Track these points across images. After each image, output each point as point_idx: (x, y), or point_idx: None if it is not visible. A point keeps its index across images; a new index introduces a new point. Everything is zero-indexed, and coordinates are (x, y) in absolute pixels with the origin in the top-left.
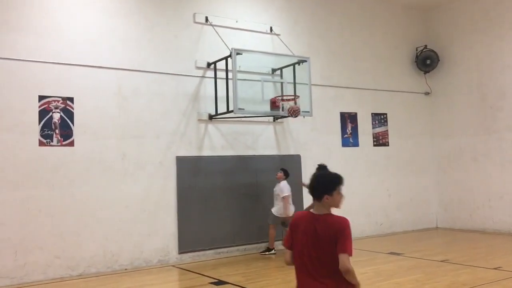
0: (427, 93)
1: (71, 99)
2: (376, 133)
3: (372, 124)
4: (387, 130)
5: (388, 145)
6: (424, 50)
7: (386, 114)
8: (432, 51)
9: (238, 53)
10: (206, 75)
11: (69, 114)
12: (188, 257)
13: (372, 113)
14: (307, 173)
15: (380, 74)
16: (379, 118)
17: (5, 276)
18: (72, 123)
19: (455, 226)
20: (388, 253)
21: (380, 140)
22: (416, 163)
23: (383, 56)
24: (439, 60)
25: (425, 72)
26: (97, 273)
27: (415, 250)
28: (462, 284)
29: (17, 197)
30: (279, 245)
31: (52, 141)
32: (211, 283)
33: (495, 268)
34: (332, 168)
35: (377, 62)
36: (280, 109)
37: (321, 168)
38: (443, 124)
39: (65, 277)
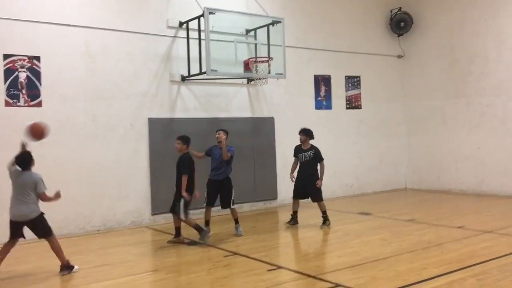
0: (400, 56)
1: (37, 58)
2: (349, 96)
3: (346, 87)
4: (360, 93)
5: (360, 108)
6: (398, 12)
7: (359, 77)
8: (407, 13)
9: (211, 13)
10: (178, 35)
11: (36, 73)
12: (161, 218)
13: (345, 76)
14: (280, 136)
15: (354, 36)
16: (353, 81)
17: None
18: (40, 83)
19: (423, 187)
20: (358, 213)
21: (353, 103)
22: (388, 126)
23: (358, 18)
24: (412, 23)
25: (399, 35)
26: (69, 234)
27: (383, 210)
28: (426, 243)
29: None
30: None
31: (19, 102)
32: (184, 243)
33: (458, 227)
34: None
35: (352, 25)
36: (254, 71)
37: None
38: (415, 88)
39: (36, 238)
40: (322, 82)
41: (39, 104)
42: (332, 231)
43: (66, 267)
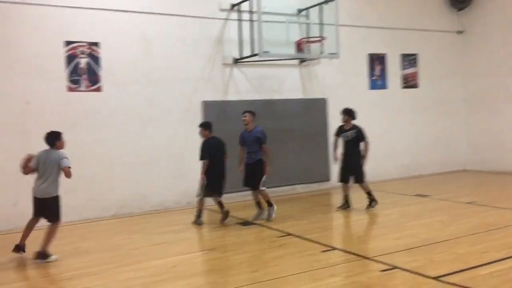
0: (459, 32)
1: (97, 44)
2: (405, 75)
3: (401, 65)
4: (416, 72)
5: (417, 87)
6: None
7: (416, 54)
8: None
9: None
10: (230, 18)
11: (96, 59)
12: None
13: (401, 54)
14: (333, 117)
15: (411, 13)
16: (409, 59)
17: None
18: (99, 68)
19: (484, 168)
20: (414, 195)
21: (409, 82)
22: (446, 105)
23: None
24: None
25: (459, 10)
26: (129, 213)
27: (441, 192)
28: (488, 225)
29: None
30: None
31: (80, 87)
32: (238, 223)
33: None
34: (359, 111)
35: (408, 1)
36: (306, 51)
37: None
38: (475, 64)
39: (99, 217)
40: (376, 61)
41: (98, 89)
42: (387, 213)
43: (43, 254)
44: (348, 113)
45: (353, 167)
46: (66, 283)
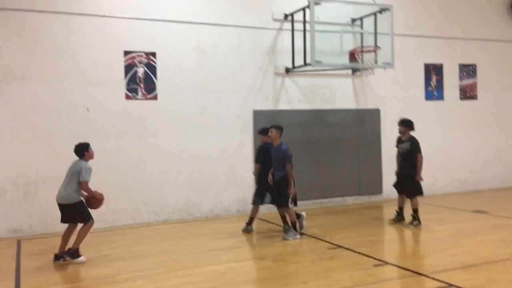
0: None
1: (154, 54)
2: (463, 86)
3: (459, 76)
4: (475, 83)
5: (476, 99)
6: None
7: (475, 65)
8: None
9: (316, 3)
10: (283, 27)
11: (152, 68)
12: (265, 208)
13: (459, 64)
14: (386, 128)
15: (469, 21)
16: (467, 70)
17: (99, 220)
18: (155, 77)
19: None
20: (472, 211)
21: (467, 93)
22: (506, 118)
23: (473, 2)
24: None
25: None
26: (180, 219)
27: (501, 209)
28: None
29: (107, 147)
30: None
31: (137, 95)
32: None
33: None
34: (414, 123)
35: (466, 9)
36: (360, 61)
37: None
38: None
39: (152, 222)
40: (433, 71)
41: (154, 97)
42: (443, 228)
43: (73, 253)
44: (404, 124)
45: (403, 181)
46: (121, 285)
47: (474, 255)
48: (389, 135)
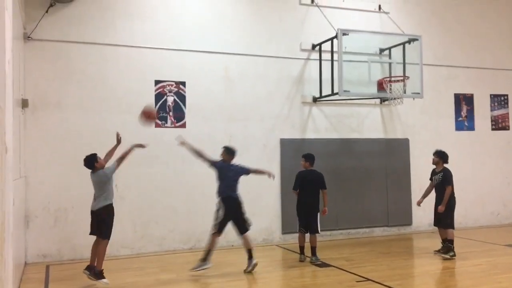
0: None
1: (183, 83)
2: (495, 116)
3: (491, 106)
4: (507, 113)
5: (508, 129)
6: None
7: (507, 95)
8: None
9: (344, 34)
10: (310, 57)
11: (181, 97)
12: (291, 237)
13: (491, 95)
14: (415, 158)
15: (500, 51)
16: (499, 100)
17: (126, 246)
18: (184, 105)
19: None
20: (506, 245)
21: (499, 124)
22: None
23: (504, 31)
24: None
25: None
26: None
27: None
28: None
29: (136, 174)
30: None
31: (166, 123)
32: (315, 264)
33: None
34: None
35: (497, 39)
36: (388, 90)
37: None
38: None
39: (178, 249)
40: (463, 102)
41: (183, 125)
42: (476, 263)
43: (97, 273)
44: (439, 155)
45: (436, 212)
46: None
47: None
48: (418, 165)
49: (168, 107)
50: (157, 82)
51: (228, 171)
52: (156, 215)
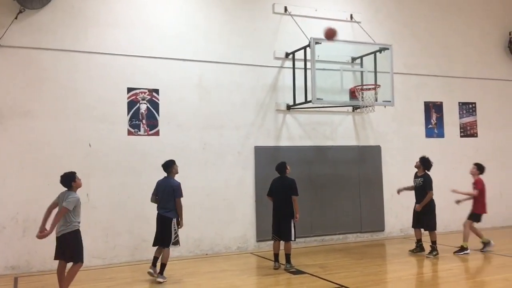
0: None
1: (156, 91)
2: (463, 124)
3: (459, 114)
4: (475, 120)
5: (476, 136)
6: None
7: (475, 103)
8: None
9: (317, 42)
10: (284, 65)
11: (155, 105)
12: (266, 245)
13: (459, 102)
14: (387, 165)
15: (469, 61)
16: (467, 108)
17: (97, 257)
18: (158, 113)
19: None
20: (475, 250)
21: (468, 131)
22: (508, 155)
23: (473, 41)
24: None
25: None
26: (180, 257)
27: (506, 247)
28: None
29: (108, 183)
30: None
31: (139, 131)
32: (289, 272)
33: None
34: (415, 160)
35: (466, 49)
36: (360, 99)
37: None
38: None
39: (151, 259)
40: (433, 109)
41: (157, 133)
42: (447, 268)
43: None
44: (421, 161)
45: (415, 214)
46: None
47: None
48: (390, 172)
49: (141, 115)
50: (129, 89)
51: None
52: (129, 225)
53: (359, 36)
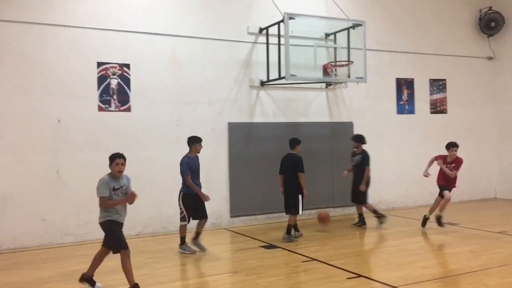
0: (490, 58)
1: (127, 66)
2: (433, 100)
3: (430, 90)
4: (445, 97)
5: (446, 113)
6: (488, 12)
7: (445, 80)
8: (497, 13)
9: (291, 18)
10: (258, 41)
11: (126, 80)
12: (239, 221)
13: (430, 79)
14: None
15: (440, 38)
16: (438, 85)
17: (69, 234)
18: (129, 89)
19: None
20: (443, 223)
21: (437, 107)
22: (476, 132)
23: (444, 19)
24: (504, 23)
25: (489, 36)
26: (153, 233)
27: (471, 220)
28: None
29: (79, 160)
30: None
31: (110, 107)
32: (262, 246)
33: None
34: (386, 136)
35: (437, 26)
36: (333, 75)
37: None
38: (507, 91)
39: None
40: (404, 86)
41: (128, 109)
42: (415, 240)
43: (89, 279)
44: (357, 140)
45: (354, 190)
46: None
47: (444, 267)
48: (363, 147)
49: (112, 90)
50: (99, 64)
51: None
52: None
53: (333, 12)
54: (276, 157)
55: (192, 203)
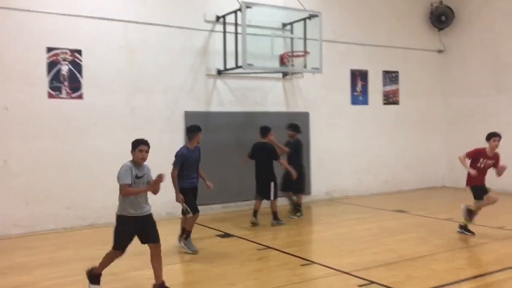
0: (440, 51)
1: (79, 52)
2: (386, 91)
3: (383, 82)
4: (398, 89)
5: (398, 104)
6: (439, 6)
7: (397, 72)
8: (448, 7)
9: (248, 6)
10: (215, 29)
11: (78, 66)
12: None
13: (383, 71)
14: (314, 131)
15: (393, 30)
16: (390, 76)
17: (18, 225)
18: (81, 75)
19: (461, 185)
20: (393, 211)
21: (390, 99)
22: (426, 123)
23: (397, 12)
24: (454, 17)
25: (439, 29)
26: (107, 223)
27: (420, 208)
28: (464, 242)
29: (29, 148)
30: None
31: (61, 94)
32: (218, 235)
33: (498, 227)
34: (341, 126)
35: (390, 18)
36: (289, 65)
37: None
38: (455, 84)
39: (76, 227)
40: (358, 77)
41: (80, 97)
42: (367, 228)
43: (94, 275)
44: (293, 129)
45: (287, 178)
46: None
47: (394, 253)
48: (318, 137)
49: (63, 76)
50: (49, 49)
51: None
52: (51, 192)
53: (290, 2)
54: (232, 146)
55: (191, 194)
